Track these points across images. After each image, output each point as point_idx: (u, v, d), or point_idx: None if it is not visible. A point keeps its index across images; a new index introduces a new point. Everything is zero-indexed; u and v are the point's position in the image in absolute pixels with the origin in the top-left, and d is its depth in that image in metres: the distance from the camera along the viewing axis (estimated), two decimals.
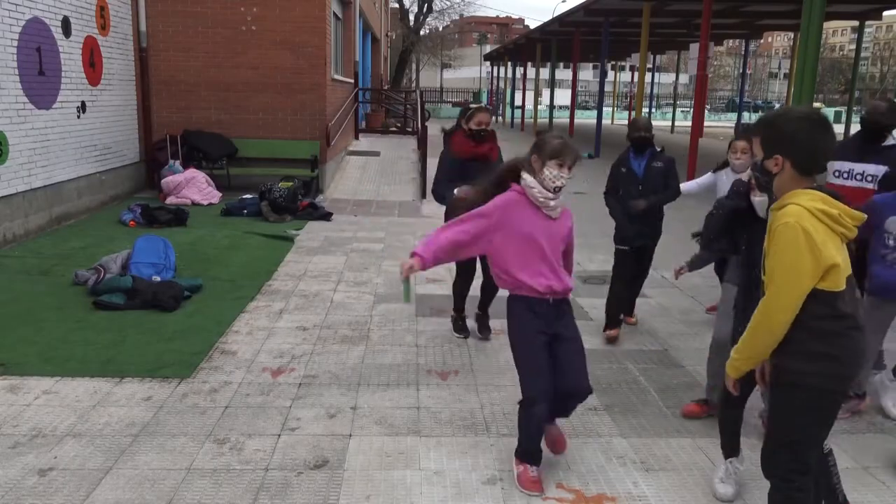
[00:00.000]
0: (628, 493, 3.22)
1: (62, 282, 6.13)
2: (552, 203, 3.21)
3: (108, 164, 9.85)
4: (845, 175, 4.45)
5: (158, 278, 5.91)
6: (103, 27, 9.71)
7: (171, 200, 9.88)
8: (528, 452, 3.26)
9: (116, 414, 3.83)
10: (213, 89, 11.41)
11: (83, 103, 9.09)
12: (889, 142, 4.36)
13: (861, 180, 4.39)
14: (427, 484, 3.24)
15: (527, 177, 3.20)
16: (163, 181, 10.23)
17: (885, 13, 19.43)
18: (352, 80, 16.21)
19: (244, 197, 9.89)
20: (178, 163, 10.65)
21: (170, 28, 11.14)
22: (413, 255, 3.20)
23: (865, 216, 2.37)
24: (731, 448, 3.26)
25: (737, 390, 2.68)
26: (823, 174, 2.96)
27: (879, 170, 4.28)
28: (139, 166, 11.04)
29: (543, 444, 3.32)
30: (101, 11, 9.62)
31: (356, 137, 17.56)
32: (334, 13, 13.76)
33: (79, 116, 8.97)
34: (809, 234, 2.21)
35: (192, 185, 10.23)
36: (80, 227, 8.39)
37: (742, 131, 5.88)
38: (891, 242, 3.73)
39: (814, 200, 2.26)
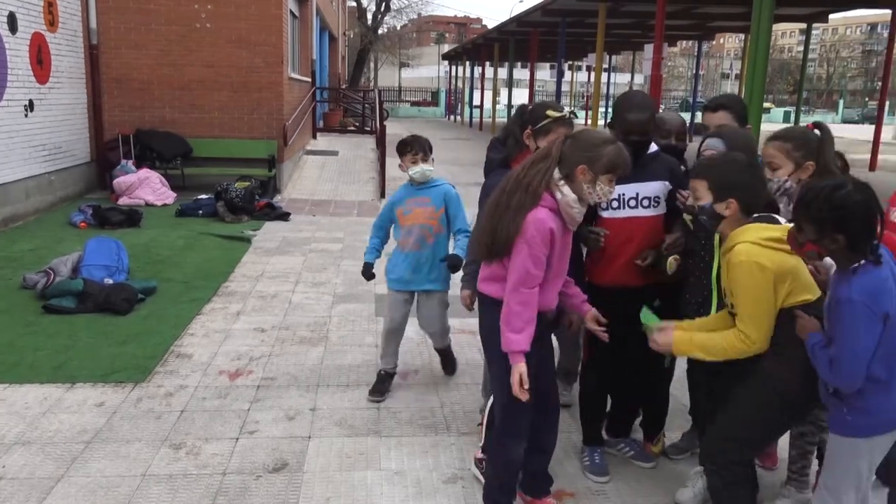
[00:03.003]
0: (587, 488, 3.26)
1: (10, 285, 5.95)
2: (580, 219, 2.70)
3: (57, 164, 9.60)
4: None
5: (111, 281, 5.78)
6: (52, 23, 9.45)
7: (123, 201, 9.67)
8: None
9: (68, 421, 3.73)
10: (167, 87, 11.19)
11: (31, 102, 8.83)
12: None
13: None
14: (388, 484, 3.23)
15: (568, 193, 2.58)
16: (115, 181, 10.00)
17: (831, 16, 19.99)
18: (309, 79, 16.08)
19: (199, 197, 9.73)
20: (130, 163, 10.42)
21: (121, 25, 10.90)
22: (520, 354, 2.61)
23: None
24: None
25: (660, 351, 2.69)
26: None
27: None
28: (90, 166, 10.78)
29: None
30: (49, 7, 9.37)
31: (314, 137, 17.43)
32: (291, 11, 13.63)
33: (26, 115, 8.72)
34: (764, 267, 2.36)
35: (146, 186, 10.03)
36: (28, 229, 8.16)
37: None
38: None
39: (757, 232, 2.42)
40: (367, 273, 4.19)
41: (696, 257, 3.05)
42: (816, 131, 2.88)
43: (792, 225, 2.34)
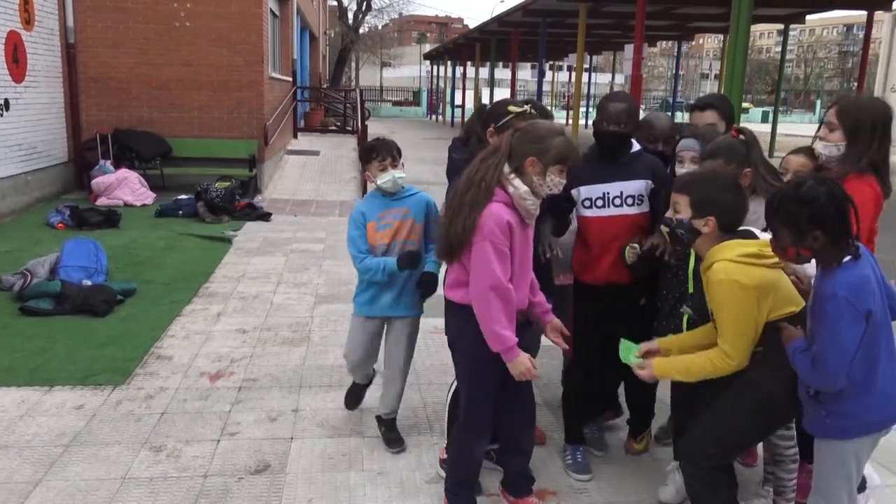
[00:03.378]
0: (569, 486, 3.28)
1: None
2: (537, 211, 2.71)
3: (34, 164, 9.47)
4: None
5: (89, 282, 5.71)
6: (27, 21, 9.32)
7: (101, 202, 9.56)
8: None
9: (46, 424, 3.69)
10: (146, 87, 11.08)
11: (6, 101, 8.71)
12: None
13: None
14: (371, 485, 3.22)
15: (520, 185, 2.60)
16: (93, 182, 9.88)
17: (808, 17, 20.22)
18: (290, 79, 16.00)
19: (179, 197, 9.65)
20: (108, 163, 10.31)
21: (98, 23, 10.77)
22: (513, 349, 2.64)
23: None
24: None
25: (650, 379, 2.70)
26: None
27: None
28: (67, 166, 10.65)
29: None
30: (25, 5, 9.24)
31: (295, 136, 17.35)
32: (271, 10, 13.55)
33: (2, 115, 8.59)
34: (744, 285, 2.37)
35: (124, 186, 9.93)
36: (4, 230, 8.04)
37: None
38: None
39: (734, 249, 2.43)
40: (412, 261, 3.34)
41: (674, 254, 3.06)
42: (741, 136, 2.94)
43: (769, 237, 2.37)
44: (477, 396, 2.80)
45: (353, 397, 3.92)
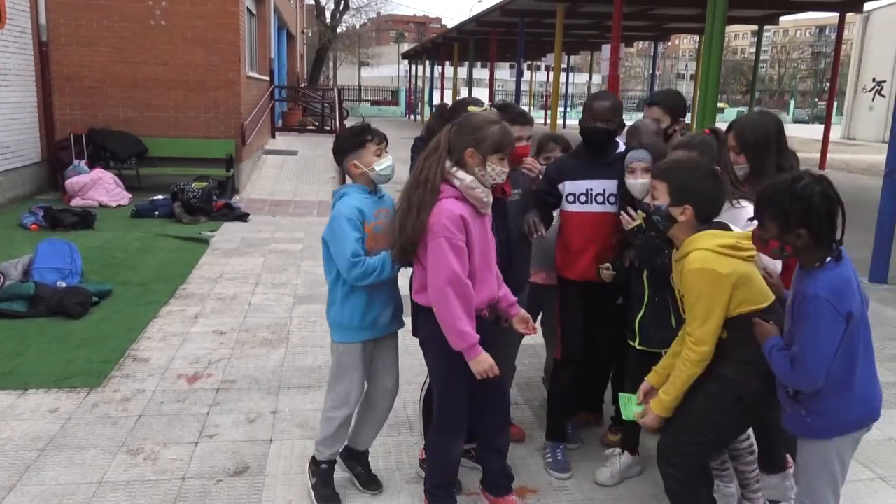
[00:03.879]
0: (549, 484, 3.29)
1: None
2: (489, 199, 2.72)
3: (6, 164, 9.33)
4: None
5: (64, 284, 5.64)
6: None
7: (76, 202, 9.44)
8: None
9: (20, 428, 3.63)
10: (121, 86, 10.96)
11: None
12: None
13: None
14: (351, 486, 3.21)
15: (464, 176, 2.63)
16: (67, 182, 9.76)
17: (782, 19, 20.45)
18: (267, 78, 15.90)
19: (156, 198, 9.55)
20: (83, 162, 10.19)
21: (72, 21, 10.64)
22: (474, 347, 2.64)
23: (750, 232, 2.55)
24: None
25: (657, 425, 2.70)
26: None
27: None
28: (41, 166, 10.50)
29: None
30: None
31: (273, 136, 17.25)
32: (248, 9, 13.46)
33: None
34: (720, 274, 2.40)
35: (99, 186, 9.81)
36: None
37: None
38: None
39: (711, 239, 2.45)
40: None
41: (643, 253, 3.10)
42: (714, 136, 3.04)
43: (750, 230, 2.40)
44: (449, 398, 2.81)
45: (332, 486, 3.10)
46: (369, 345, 2.99)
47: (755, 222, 2.35)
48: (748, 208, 2.88)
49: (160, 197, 9.56)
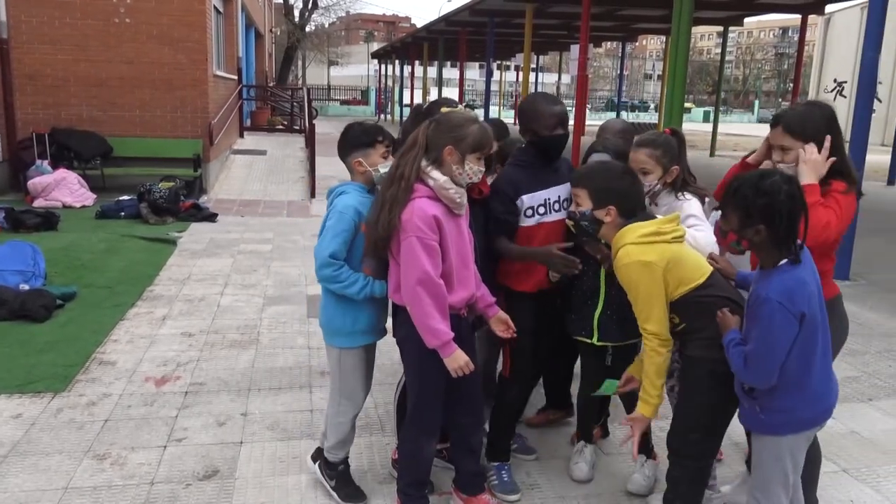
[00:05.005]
0: (521, 482, 3.30)
1: None
2: (463, 200, 2.71)
3: None
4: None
5: (27, 287, 5.52)
6: None
7: (39, 203, 9.25)
8: None
9: None
10: (85, 85, 10.76)
11: None
12: None
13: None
14: (322, 487, 3.19)
15: (438, 176, 2.62)
16: (29, 182, 9.56)
17: (746, 20, 20.80)
18: (235, 77, 15.74)
19: (121, 198, 9.40)
20: (46, 163, 9.99)
21: (33, 18, 10.41)
22: (448, 344, 2.64)
23: (678, 214, 2.71)
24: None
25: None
26: None
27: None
28: (2, 167, 10.25)
29: None
30: None
31: (241, 136, 17.09)
32: (215, 7, 13.30)
33: None
34: (648, 262, 2.48)
35: (63, 187, 9.63)
36: None
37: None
38: None
39: (634, 232, 2.54)
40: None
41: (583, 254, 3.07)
42: (674, 137, 3.13)
43: (669, 217, 2.53)
44: (425, 396, 2.82)
45: (353, 483, 3.13)
46: (370, 349, 3.04)
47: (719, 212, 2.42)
48: (692, 201, 3.02)
49: (126, 197, 9.42)
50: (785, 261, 2.26)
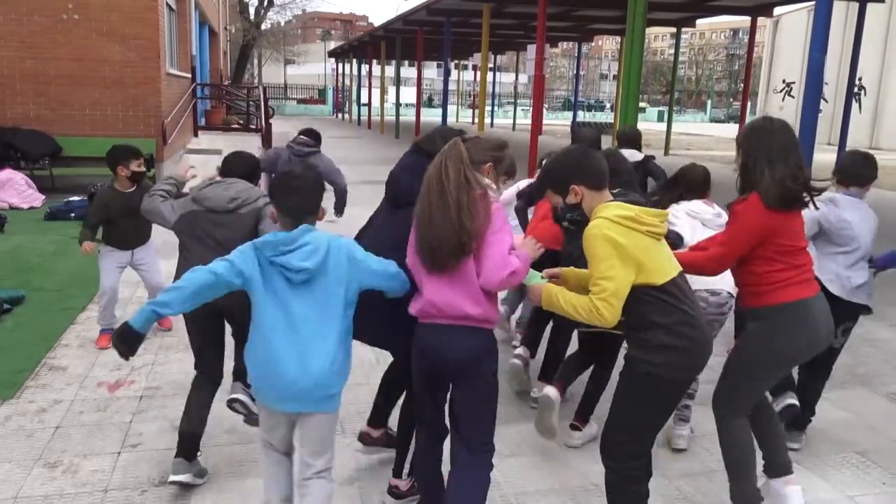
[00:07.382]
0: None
1: None
2: None
3: None
4: None
5: None
6: None
7: None
8: None
9: None
10: (31, 82, 10.48)
11: None
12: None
13: None
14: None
15: (489, 182, 2.64)
16: None
17: (698, 21, 21.20)
18: (189, 75, 15.47)
19: (71, 199, 9.18)
20: None
21: None
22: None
23: (668, 212, 2.72)
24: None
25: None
26: None
27: None
28: None
29: None
30: None
31: (195, 135, 16.81)
32: (167, 4, 13.07)
33: None
34: (615, 240, 2.42)
35: (9, 188, 9.38)
36: None
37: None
38: None
39: (613, 209, 2.50)
40: None
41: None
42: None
43: (656, 211, 2.53)
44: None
45: None
46: None
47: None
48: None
49: (76, 198, 9.20)
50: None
